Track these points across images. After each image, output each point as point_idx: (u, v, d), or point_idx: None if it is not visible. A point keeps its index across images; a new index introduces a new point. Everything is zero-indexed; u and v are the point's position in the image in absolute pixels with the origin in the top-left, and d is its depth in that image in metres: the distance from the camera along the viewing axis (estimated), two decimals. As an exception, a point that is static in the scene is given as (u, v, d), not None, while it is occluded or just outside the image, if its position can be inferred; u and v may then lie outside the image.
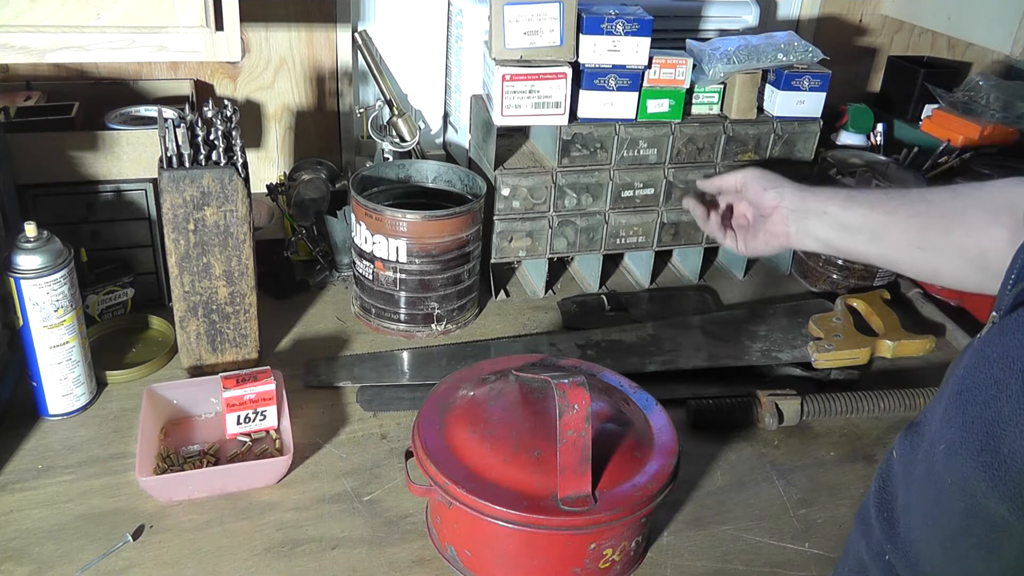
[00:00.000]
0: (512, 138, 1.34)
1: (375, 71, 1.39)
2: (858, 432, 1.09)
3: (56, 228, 0.97)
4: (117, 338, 1.15)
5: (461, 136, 1.44)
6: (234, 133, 1.04)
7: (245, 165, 1.02)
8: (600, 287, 1.38)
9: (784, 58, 1.28)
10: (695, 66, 1.26)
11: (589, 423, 0.77)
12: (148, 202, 1.15)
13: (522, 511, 0.76)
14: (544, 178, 1.25)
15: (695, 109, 1.30)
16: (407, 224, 1.13)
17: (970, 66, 1.83)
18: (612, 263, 1.44)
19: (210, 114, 1.04)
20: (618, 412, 0.88)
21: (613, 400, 0.90)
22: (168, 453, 0.96)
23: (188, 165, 0.98)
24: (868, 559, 0.60)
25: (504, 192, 1.24)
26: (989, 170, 1.44)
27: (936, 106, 1.60)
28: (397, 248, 1.14)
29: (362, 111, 1.44)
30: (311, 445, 1.00)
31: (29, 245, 0.93)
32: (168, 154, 0.98)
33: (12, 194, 1.07)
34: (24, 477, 0.93)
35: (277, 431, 1.00)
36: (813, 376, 1.16)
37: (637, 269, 1.42)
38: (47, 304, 0.94)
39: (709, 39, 1.34)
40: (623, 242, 1.34)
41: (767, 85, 1.32)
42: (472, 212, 1.17)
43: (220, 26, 0.90)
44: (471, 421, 0.85)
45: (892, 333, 1.18)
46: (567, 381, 0.78)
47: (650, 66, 1.21)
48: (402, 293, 1.18)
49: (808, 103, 1.31)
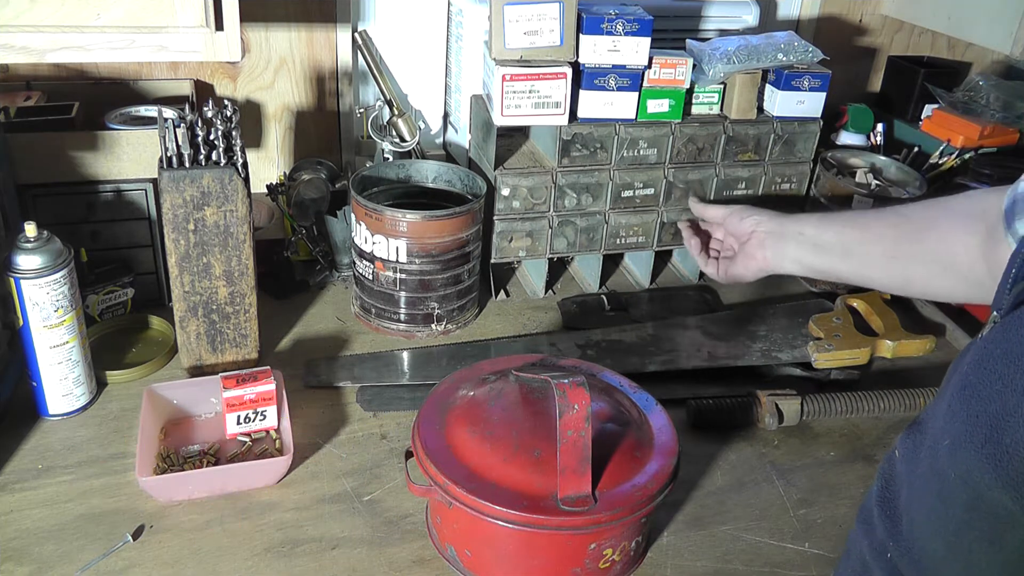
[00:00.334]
0: (512, 138, 1.34)
1: (375, 71, 1.39)
2: (858, 432, 1.09)
3: (56, 228, 0.97)
4: (117, 338, 1.15)
5: (461, 136, 1.44)
6: (234, 133, 1.04)
7: (245, 165, 1.02)
8: (600, 287, 1.38)
9: (784, 58, 1.28)
10: (695, 66, 1.26)
11: (589, 423, 0.77)
12: (148, 202, 1.15)
13: (522, 511, 0.76)
14: (544, 178, 1.25)
15: (695, 109, 1.30)
16: (407, 224, 1.13)
17: (970, 66, 1.83)
18: (612, 263, 1.44)
19: (210, 114, 1.04)
20: (618, 412, 0.88)
21: (613, 400, 0.90)
22: (168, 453, 0.96)
23: (188, 165, 0.98)
24: (870, 558, 0.60)
25: (504, 192, 1.24)
26: (989, 170, 1.44)
27: (936, 106, 1.60)
28: (397, 248, 1.14)
29: (362, 111, 1.44)
30: (311, 445, 1.00)
31: (29, 245, 0.93)
32: (168, 154, 0.98)
33: (12, 194, 1.07)
34: (24, 477, 0.93)
35: (277, 431, 1.00)
36: (813, 376, 1.16)
37: (637, 269, 1.42)
38: (47, 304, 0.94)
39: (709, 39, 1.34)
40: (623, 242, 1.34)
41: (767, 85, 1.32)
42: (472, 212, 1.17)
43: (220, 26, 0.90)
44: (471, 421, 0.85)
45: (892, 333, 1.18)
46: (567, 381, 0.78)
47: (650, 66, 1.21)
48: (402, 293, 1.18)
49: (808, 103, 1.31)
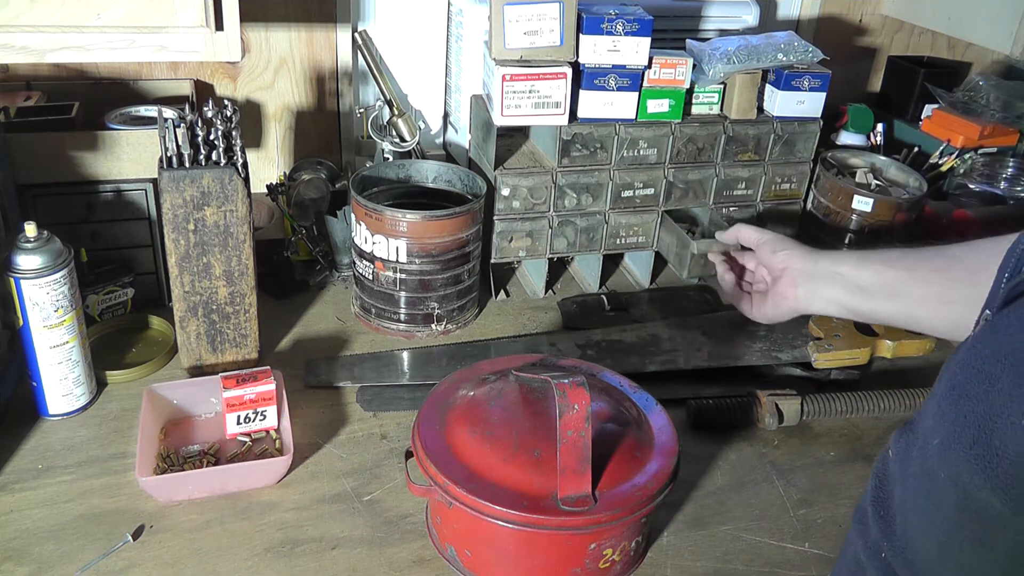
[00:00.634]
0: (512, 138, 1.34)
1: (375, 71, 1.39)
2: (858, 432, 1.09)
3: (56, 228, 0.97)
4: (117, 338, 1.15)
5: (461, 136, 1.44)
6: (234, 133, 1.04)
7: (245, 165, 1.02)
8: (600, 287, 1.38)
9: (784, 58, 1.28)
10: (695, 66, 1.26)
11: (589, 423, 0.77)
12: (148, 202, 1.15)
13: (522, 511, 0.76)
14: (544, 178, 1.25)
15: (695, 109, 1.30)
16: (407, 224, 1.13)
17: (970, 66, 1.83)
18: (612, 263, 1.44)
19: (210, 114, 1.04)
20: (618, 412, 0.88)
21: (613, 400, 0.90)
22: (168, 453, 0.96)
23: (188, 165, 0.98)
24: (864, 558, 0.60)
25: (504, 192, 1.24)
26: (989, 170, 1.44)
27: (936, 106, 1.60)
28: (397, 248, 1.14)
29: (362, 111, 1.44)
30: (311, 445, 1.00)
31: (29, 245, 0.93)
32: (168, 154, 0.98)
33: (12, 194, 1.07)
34: (24, 477, 0.93)
35: (277, 431, 1.00)
36: (813, 376, 1.16)
37: (637, 269, 1.42)
38: (47, 304, 0.94)
39: (709, 39, 1.34)
40: (623, 242, 1.34)
41: (767, 85, 1.32)
42: (472, 212, 1.17)
43: (220, 26, 0.90)
44: (471, 421, 0.85)
45: (892, 333, 1.18)
46: (567, 381, 0.78)
47: (650, 66, 1.21)
48: (402, 293, 1.18)
49: (808, 103, 1.31)
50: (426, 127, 1.53)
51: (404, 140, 1.38)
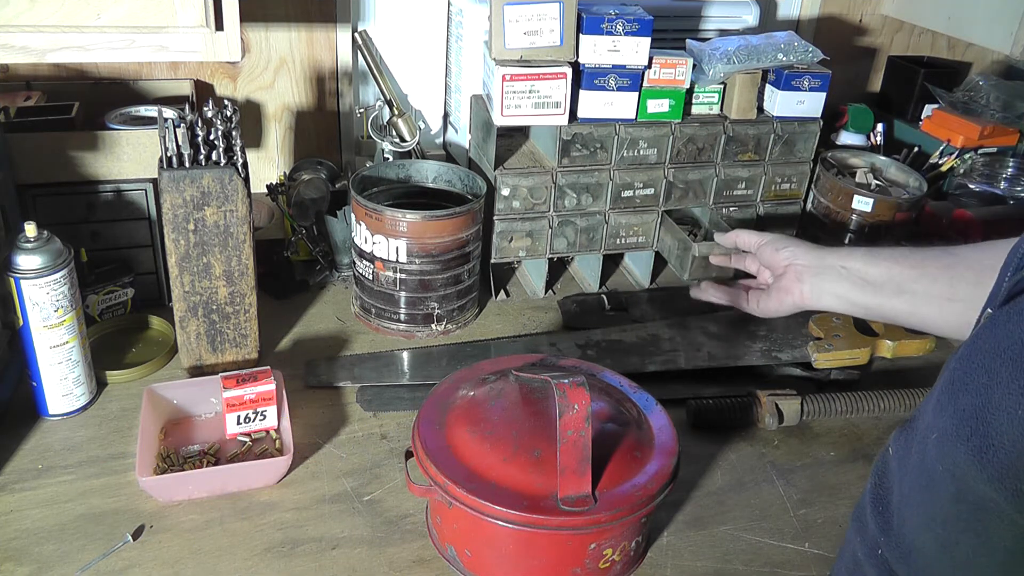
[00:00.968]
0: (512, 138, 1.34)
1: (375, 71, 1.39)
2: (858, 432, 1.09)
3: (56, 228, 0.97)
4: (117, 338, 1.15)
5: (461, 136, 1.44)
6: (234, 133, 1.04)
7: (245, 165, 1.02)
8: (600, 287, 1.38)
9: (784, 58, 1.28)
10: (695, 66, 1.26)
11: (589, 423, 0.77)
12: (148, 202, 1.15)
13: (522, 511, 0.76)
14: (544, 178, 1.25)
15: (695, 109, 1.30)
16: (407, 224, 1.13)
17: (970, 66, 1.83)
18: (612, 263, 1.44)
19: (210, 114, 1.04)
20: (618, 412, 0.88)
21: (613, 400, 0.90)
22: (168, 453, 0.96)
23: (188, 165, 0.98)
24: (862, 555, 0.60)
25: (504, 192, 1.24)
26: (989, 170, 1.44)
27: (936, 106, 1.60)
28: (397, 248, 1.14)
29: (362, 111, 1.44)
30: (311, 445, 1.00)
31: (29, 245, 0.93)
32: (168, 154, 0.98)
33: (12, 194, 1.07)
34: (24, 477, 0.93)
35: (277, 431, 1.00)
36: (813, 376, 1.16)
37: (637, 269, 1.42)
38: (47, 304, 0.94)
39: (709, 39, 1.34)
40: (623, 242, 1.34)
41: (767, 85, 1.32)
42: (472, 212, 1.17)
43: (220, 26, 0.90)
44: (471, 421, 0.85)
45: (892, 333, 1.18)
46: (567, 381, 0.78)
47: (650, 66, 1.21)
48: (402, 293, 1.18)
49: (808, 103, 1.31)
50: (426, 127, 1.53)
51: (404, 140, 1.38)
